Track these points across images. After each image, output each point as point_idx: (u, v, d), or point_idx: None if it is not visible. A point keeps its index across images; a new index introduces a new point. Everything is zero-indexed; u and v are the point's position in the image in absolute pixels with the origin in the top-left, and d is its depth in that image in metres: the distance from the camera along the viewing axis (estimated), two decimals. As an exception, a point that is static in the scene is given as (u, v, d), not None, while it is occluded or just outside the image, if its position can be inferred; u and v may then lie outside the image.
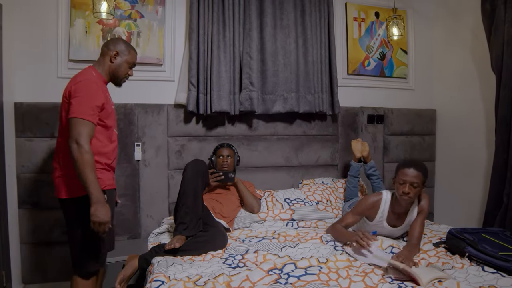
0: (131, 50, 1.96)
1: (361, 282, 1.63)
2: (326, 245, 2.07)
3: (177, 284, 1.60)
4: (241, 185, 2.66)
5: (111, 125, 1.88)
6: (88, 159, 1.63)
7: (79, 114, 1.67)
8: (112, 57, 1.89)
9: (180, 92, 2.86)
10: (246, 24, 2.92)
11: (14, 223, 2.50)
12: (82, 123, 1.66)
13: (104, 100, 1.79)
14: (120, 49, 1.91)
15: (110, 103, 1.90)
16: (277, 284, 1.61)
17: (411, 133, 3.52)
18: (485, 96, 3.05)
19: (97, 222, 1.64)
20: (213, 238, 2.12)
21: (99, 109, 1.75)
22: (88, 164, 1.62)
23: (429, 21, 3.64)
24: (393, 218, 2.15)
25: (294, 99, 3.03)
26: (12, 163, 2.51)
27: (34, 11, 2.60)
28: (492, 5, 2.72)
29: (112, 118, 1.90)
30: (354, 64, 3.38)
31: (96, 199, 1.63)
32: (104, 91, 1.84)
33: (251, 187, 2.81)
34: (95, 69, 1.88)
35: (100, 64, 1.91)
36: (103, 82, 1.89)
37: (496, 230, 2.09)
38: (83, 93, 1.70)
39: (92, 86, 1.74)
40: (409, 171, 1.99)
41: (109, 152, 1.87)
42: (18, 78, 2.55)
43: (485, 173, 3.00)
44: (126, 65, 1.94)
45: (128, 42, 2.00)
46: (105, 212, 1.64)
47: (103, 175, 1.81)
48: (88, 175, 1.62)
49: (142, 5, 2.81)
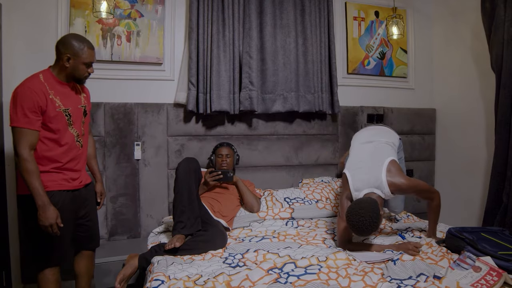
0: (84, 49, 1.82)
1: (361, 281, 1.63)
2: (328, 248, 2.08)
3: (177, 283, 1.60)
4: (241, 184, 2.66)
5: (59, 128, 1.82)
6: (26, 166, 1.69)
7: (14, 122, 1.71)
8: (64, 61, 1.81)
9: (180, 91, 2.86)
10: (245, 23, 2.91)
11: (13, 224, 2.50)
12: (18, 131, 1.71)
13: (43, 103, 1.74)
14: (72, 51, 1.80)
15: (55, 106, 1.80)
16: (277, 283, 1.61)
17: (411, 132, 3.52)
18: (485, 95, 3.05)
19: (42, 226, 1.72)
20: (213, 237, 2.12)
21: (36, 113, 1.73)
22: (27, 171, 1.69)
23: (429, 20, 3.64)
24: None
25: (294, 98, 3.03)
26: (12, 164, 2.50)
27: (34, 11, 2.60)
28: (492, 4, 2.71)
29: (59, 121, 1.82)
30: (354, 63, 3.38)
31: (39, 203, 1.70)
32: (46, 94, 1.77)
33: (251, 186, 2.80)
34: (49, 71, 1.86)
35: (56, 65, 1.86)
36: (56, 83, 1.84)
37: (496, 229, 2.08)
38: (16, 101, 1.71)
39: (25, 92, 1.72)
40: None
41: (57, 155, 1.84)
42: (19, 78, 2.53)
43: (485, 172, 3.01)
44: (83, 66, 1.85)
45: (81, 39, 1.85)
46: (48, 215, 1.70)
47: (50, 177, 1.82)
48: (30, 182, 1.69)
49: (142, 5, 2.80)
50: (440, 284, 1.57)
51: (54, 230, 1.73)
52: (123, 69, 2.80)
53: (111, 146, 2.74)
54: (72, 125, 1.89)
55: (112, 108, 2.74)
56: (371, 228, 1.82)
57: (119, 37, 2.76)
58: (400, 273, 1.69)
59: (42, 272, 1.87)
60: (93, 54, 1.88)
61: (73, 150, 1.91)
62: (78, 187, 1.96)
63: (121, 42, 2.76)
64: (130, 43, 2.78)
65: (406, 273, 1.69)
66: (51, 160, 1.83)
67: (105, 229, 2.74)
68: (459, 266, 1.68)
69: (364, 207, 1.84)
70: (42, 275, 1.87)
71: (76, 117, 1.92)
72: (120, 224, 2.77)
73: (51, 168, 1.83)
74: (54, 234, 1.74)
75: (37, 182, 1.70)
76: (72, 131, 1.90)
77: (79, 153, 1.95)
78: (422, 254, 1.92)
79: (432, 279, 1.62)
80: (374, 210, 1.83)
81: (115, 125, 2.75)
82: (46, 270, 1.87)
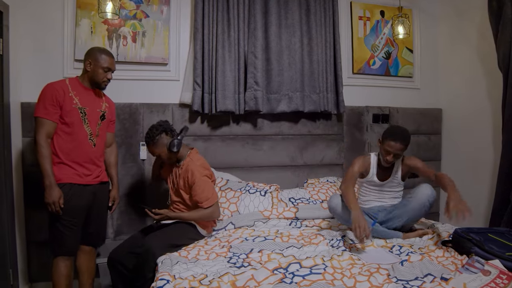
0: (102, 55, 2.10)
1: (366, 281, 1.62)
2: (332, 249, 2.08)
3: (183, 283, 1.60)
4: (177, 216, 2.22)
5: (73, 122, 2.04)
6: (41, 151, 1.94)
7: (36, 113, 1.99)
8: (86, 66, 2.11)
9: (185, 91, 2.87)
10: (250, 23, 2.92)
11: (21, 222, 2.52)
12: (38, 121, 1.98)
13: (61, 98, 2.00)
14: (93, 57, 2.09)
15: (72, 103, 2.04)
16: (282, 283, 1.61)
17: (417, 132, 3.50)
18: (491, 95, 3.02)
19: (46, 203, 1.93)
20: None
21: (54, 107, 1.98)
22: (41, 155, 1.94)
23: (435, 19, 3.62)
24: (381, 173, 2.40)
25: (299, 98, 3.03)
26: (19, 162, 2.53)
27: (40, 12, 2.62)
28: (499, 3, 2.69)
29: (73, 116, 2.04)
30: (359, 63, 3.37)
31: (46, 183, 1.93)
32: (66, 92, 2.03)
33: (203, 193, 2.19)
34: (76, 77, 2.15)
35: (82, 73, 2.15)
36: (80, 87, 2.10)
37: (503, 230, 2.06)
38: (40, 96, 2.01)
39: (48, 88, 2.01)
40: (395, 145, 2.21)
41: (69, 148, 2.04)
42: (25, 78, 2.57)
43: (492, 173, 2.98)
44: (101, 71, 2.10)
45: (102, 49, 2.17)
46: (52, 193, 1.92)
47: (63, 170, 2.03)
48: (42, 164, 1.94)
49: (147, 5, 2.81)
50: (446, 285, 1.56)
51: (56, 208, 1.94)
52: (129, 70, 2.81)
53: (117, 146, 2.75)
54: (87, 123, 2.10)
55: (118, 108, 2.74)
56: (408, 135, 2.25)
57: (124, 37, 2.77)
58: (406, 274, 1.68)
59: (56, 262, 2.05)
60: (111, 61, 2.13)
61: (85, 146, 2.09)
62: (91, 182, 2.13)
63: (127, 43, 2.78)
64: (136, 43, 2.79)
65: (412, 274, 1.68)
66: (64, 152, 2.03)
67: (111, 228, 2.76)
68: (468, 270, 1.67)
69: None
70: (55, 266, 2.05)
71: (92, 117, 2.13)
72: (125, 223, 2.78)
73: (64, 160, 2.03)
74: (56, 212, 1.95)
75: (48, 165, 1.94)
76: (87, 129, 2.10)
77: (91, 150, 2.12)
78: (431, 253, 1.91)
79: (439, 279, 1.61)
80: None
81: (121, 125, 2.76)
82: (60, 260, 2.05)
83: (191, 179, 2.20)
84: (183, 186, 2.28)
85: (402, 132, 2.28)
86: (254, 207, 2.67)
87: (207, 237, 2.32)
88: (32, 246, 2.60)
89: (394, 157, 2.25)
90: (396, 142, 2.20)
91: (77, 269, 2.21)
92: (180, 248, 2.09)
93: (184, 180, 2.26)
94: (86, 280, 2.23)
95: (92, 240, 2.23)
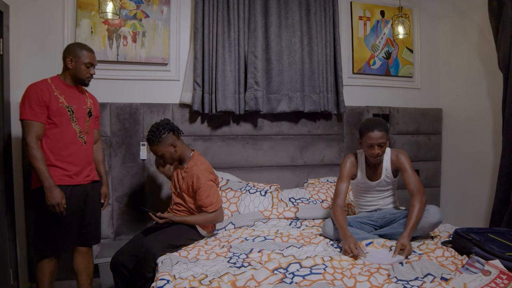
0: (83, 51, 2.05)
1: (367, 282, 1.62)
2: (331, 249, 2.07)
3: (183, 283, 1.60)
4: (182, 220, 2.19)
5: (61, 121, 2.00)
6: (33, 153, 1.89)
7: (22, 115, 1.93)
8: (68, 63, 2.05)
9: (185, 91, 2.87)
10: (251, 23, 2.92)
11: (20, 222, 2.52)
12: (26, 123, 1.92)
13: (47, 98, 1.95)
14: (73, 54, 2.04)
15: (58, 102, 1.99)
16: (283, 283, 1.61)
17: (417, 132, 3.50)
18: (492, 95, 3.02)
19: (49, 205, 1.89)
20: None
21: (41, 107, 1.93)
22: (34, 157, 1.89)
23: (435, 19, 3.62)
24: (371, 172, 2.33)
25: (299, 98, 3.03)
26: (19, 162, 2.53)
27: (41, 12, 2.62)
28: (500, 3, 2.69)
29: (61, 115, 2.00)
30: (359, 63, 3.37)
31: (46, 185, 1.88)
32: (51, 91, 1.98)
33: (208, 198, 2.17)
34: (57, 76, 2.08)
35: (63, 71, 2.10)
36: (63, 86, 2.05)
37: (503, 230, 2.06)
38: (24, 98, 1.95)
39: (32, 89, 1.95)
40: (374, 134, 2.14)
41: (59, 147, 2.00)
42: (25, 78, 2.57)
43: (492, 173, 2.98)
44: (84, 67, 2.06)
45: (82, 44, 2.12)
46: (54, 195, 1.88)
47: (52, 172, 1.95)
48: (37, 166, 1.89)
49: (147, 5, 2.82)
50: (446, 285, 1.56)
51: (60, 209, 1.90)
52: (129, 70, 2.81)
53: (117, 146, 2.75)
54: (75, 121, 2.06)
55: (118, 108, 2.75)
56: (383, 121, 2.20)
57: (125, 37, 2.77)
58: (407, 274, 1.68)
59: (40, 261, 2.02)
60: (92, 56, 2.09)
61: (74, 145, 2.07)
62: (82, 182, 2.10)
63: (127, 43, 2.78)
64: (136, 43, 2.79)
65: (413, 274, 1.68)
66: (54, 153, 1.99)
67: (110, 228, 2.76)
68: (468, 270, 1.66)
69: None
70: (40, 266, 2.02)
71: (80, 115, 2.09)
72: (125, 223, 2.78)
73: (54, 162, 1.98)
74: (60, 213, 1.91)
75: (44, 166, 1.90)
76: (75, 127, 2.07)
77: (82, 148, 2.10)
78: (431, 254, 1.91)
79: (439, 280, 1.60)
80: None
81: (121, 125, 2.76)
82: (45, 260, 2.02)
83: (196, 184, 2.18)
84: (187, 189, 2.25)
85: (375, 120, 2.21)
86: (254, 207, 2.67)
87: (207, 237, 2.32)
88: (32, 246, 2.60)
89: (379, 147, 2.15)
90: (373, 130, 2.14)
91: (75, 271, 2.20)
92: (180, 248, 2.08)
93: (188, 184, 2.23)
94: (85, 281, 2.21)
95: (88, 240, 2.20)
